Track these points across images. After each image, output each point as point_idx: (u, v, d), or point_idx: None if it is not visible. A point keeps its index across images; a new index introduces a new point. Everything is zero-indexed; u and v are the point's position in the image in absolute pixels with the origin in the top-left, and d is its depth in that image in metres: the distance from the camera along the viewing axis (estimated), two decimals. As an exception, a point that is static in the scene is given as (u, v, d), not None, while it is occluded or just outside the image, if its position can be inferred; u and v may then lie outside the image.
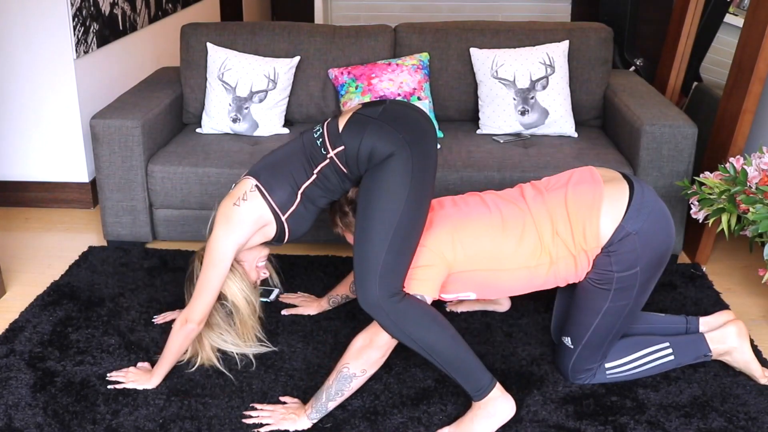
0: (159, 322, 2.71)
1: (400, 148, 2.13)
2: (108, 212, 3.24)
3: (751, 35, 3.04)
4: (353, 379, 2.14)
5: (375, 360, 2.15)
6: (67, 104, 3.65)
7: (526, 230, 2.20)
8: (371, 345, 2.14)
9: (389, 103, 2.26)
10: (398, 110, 2.24)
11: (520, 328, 2.70)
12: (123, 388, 2.34)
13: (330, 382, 2.16)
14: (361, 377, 2.16)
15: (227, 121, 3.39)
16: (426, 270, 2.17)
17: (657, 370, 2.38)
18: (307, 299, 2.83)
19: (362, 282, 2.12)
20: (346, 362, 2.15)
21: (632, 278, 2.18)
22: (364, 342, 2.15)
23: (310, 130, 2.32)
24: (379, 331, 2.14)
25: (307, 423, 2.19)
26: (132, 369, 2.41)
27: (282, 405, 2.27)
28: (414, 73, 3.41)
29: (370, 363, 2.15)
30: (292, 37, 3.53)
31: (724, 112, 3.16)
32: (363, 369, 2.15)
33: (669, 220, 2.20)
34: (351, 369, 2.14)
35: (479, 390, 2.15)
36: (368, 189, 2.16)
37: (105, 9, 3.83)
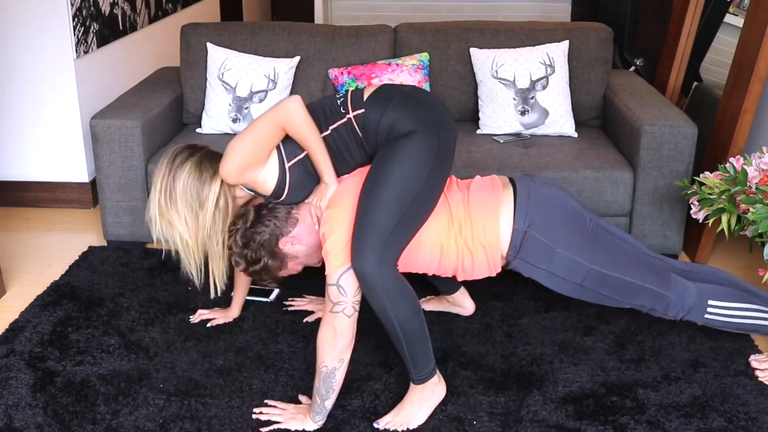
0: (196, 321, 2.73)
1: (427, 127, 2.16)
2: (108, 212, 3.24)
3: (751, 35, 3.04)
4: (335, 372, 2.15)
5: (346, 345, 2.15)
6: (67, 104, 3.65)
7: (439, 212, 2.29)
8: (336, 334, 2.12)
9: (414, 87, 2.31)
10: (425, 95, 2.29)
11: (520, 328, 2.70)
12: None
13: (317, 385, 2.17)
14: (342, 366, 2.15)
15: (227, 121, 3.39)
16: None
17: (751, 328, 2.41)
18: (319, 302, 2.81)
19: (365, 246, 2.10)
20: (322, 361, 2.14)
21: (564, 259, 2.27)
22: (328, 335, 2.13)
23: (332, 95, 2.32)
24: (336, 318, 2.12)
25: (313, 425, 2.20)
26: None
27: (294, 405, 2.28)
28: (414, 73, 3.41)
29: (343, 350, 2.14)
30: (292, 37, 3.53)
31: (724, 112, 3.15)
32: (339, 359, 2.14)
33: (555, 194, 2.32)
34: (329, 365, 2.14)
35: (424, 373, 2.21)
36: (390, 156, 2.15)
37: (105, 9, 3.82)
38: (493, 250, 2.29)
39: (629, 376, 2.44)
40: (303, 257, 2.37)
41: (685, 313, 2.38)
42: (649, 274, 2.34)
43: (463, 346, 2.59)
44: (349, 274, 2.13)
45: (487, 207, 2.29)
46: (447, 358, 2.52)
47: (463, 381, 2.41)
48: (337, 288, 2.12)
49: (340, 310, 2.12)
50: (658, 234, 3.13)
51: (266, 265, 2.32)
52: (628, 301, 2.37)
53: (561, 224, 2.29)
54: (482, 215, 2.29)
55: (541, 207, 2.28)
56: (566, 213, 2.32)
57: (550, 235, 2.26)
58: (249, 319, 2.74)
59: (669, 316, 2.40)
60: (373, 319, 2.72)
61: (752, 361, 2.49)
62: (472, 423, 2.22)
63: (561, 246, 2.27)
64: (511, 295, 2.89)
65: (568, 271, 2.29)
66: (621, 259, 2.33)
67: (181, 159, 2.26)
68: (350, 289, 2.13)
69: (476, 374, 2.44)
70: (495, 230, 2.27)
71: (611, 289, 2.33)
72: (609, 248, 2.33)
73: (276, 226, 2.29)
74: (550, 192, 2.33)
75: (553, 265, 2.28)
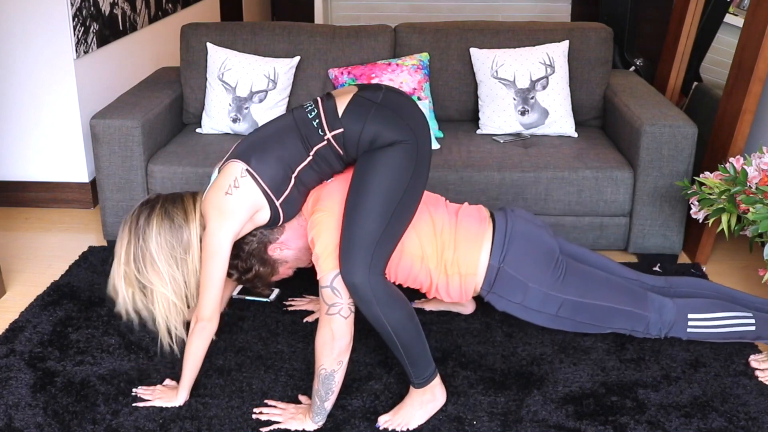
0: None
1: (406, 136, 2.15)
2: (108, 212, 3.24)
3: (751, 35, 3.04)
4: (334, 374, 2.14)
5: (345, 347, 2.14)
6: (67, 104, 3.65)
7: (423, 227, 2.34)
8: (333, 337, 2.11)
9: (386, 90, 2.25)
10: (398, 99, 2.25)
11: (520, 328, 2.70)
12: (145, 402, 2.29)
13: (316, 387, 2.16)
14: (340, 369, 2.15)
15: (227, 121, 3.39)
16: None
17: (736, 336, 2.42)
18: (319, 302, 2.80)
19: (353, 257, 2.09)
20: (321, 364, 2.14)
21: (537, 293, 2.35)
22: (326, 337, 2.12)
23: (300, 107, 2.26)
24: (333, 321, 2.11)
25: (312, 426, 2.19)
26: (159, 387, 2.35)
27: (294, 405, 2.28)
28: (414, 73, 3.41)
29: (342, 352, 2.14)
30: (292, 37, 3.53)
31: (724, 112, 3.16)
32: (338, 362, 2.13)
33: (530, 231, 2.39)
34: (327, 368, 2.13)
35: (424, 377, 2.21)
36: (372, 167, 2.14)
37: (105, 9, 3.82)
38: (468, 280, 2.37)
39: (629, 376, 2.44)
40: (293, 261, 2.40)
41: (668, 329, 2.43)
42: (624, 296, 2.39)
43: (463, 346, 2.59)
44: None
45: (473, 237, 2.36)
46: (447, 358, 2.52)
47: (463, 381, 2.41)
48: (331, 290, 2.12)
49: (336, 311, 2.12)
50: (658, 234, 3.13)
51: (258, 273, 2.34)
52: (607, 325, 2.43)
53: (534, 260, 2.36)
54: (467, 244, 2.35)
55: (515, 244, 2.35)
56: (540, 249, 2.39)
57: (523, 271, 2.34)
58: (249, 319, 2.74)
59: (652, 335, 2.45)
60: (373, 319, 2.72)
61: (752, 361, 2.49)
62: (472, 423, 2.22)
63: (533, 281, 2.35)
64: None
65: (542, 303, 2.37)
66: (594, 287, 2.39)
67: (143, 219, 2.17)
68: (345, 290, 2.13)
69: (476, 374, 2.44)
70: (475, 261, 2.35)
71: (587, 315, 2.39)
72: (581, 277, 2.40)
73: (263, 235, 2.31)
74: (525, 229, 2.40)
75: (527, 299, 2.36)
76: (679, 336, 2.45)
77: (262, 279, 2.36)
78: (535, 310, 2.39)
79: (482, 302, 2.82)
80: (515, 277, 2.34)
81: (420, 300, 2.80)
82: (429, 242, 2.34)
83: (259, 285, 2.39)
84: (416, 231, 2.33)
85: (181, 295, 2.18)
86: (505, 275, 2.34)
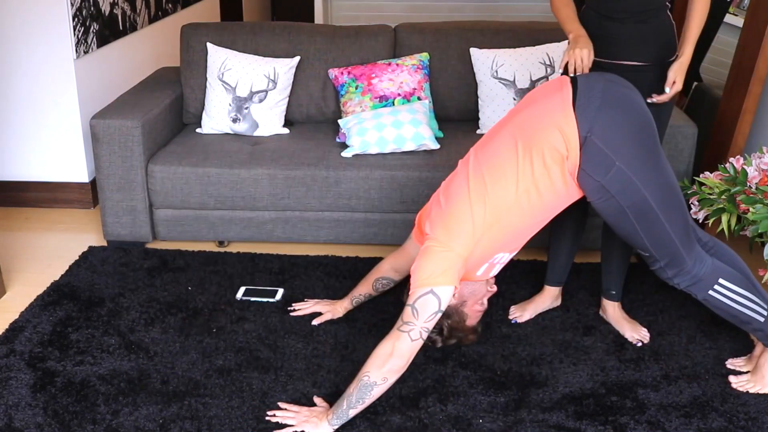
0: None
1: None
2: (108, 212, 3.24)
3: (751, 35, 3.04)
4: (374, 387, 2.12)
5: (397, 368, 2.13)
6: (67, 104, 3.65)
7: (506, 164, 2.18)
8: (393, 353, 2.11)
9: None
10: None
11: (520, 328, 2.70)
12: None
13: (351, 390, 2.14)
14: (382, 385, 2.13)
15: (227, 121, 3.39)
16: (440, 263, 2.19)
17: (744, 318, 2.35)
18: (326, 304, 2.79)
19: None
20: (368, 371, 2.12)
21: (620, 174, 2.09)
22: (385, 350, 2.12)
23: None
24: (399, 338, 2.11)
25: (328, 429, 2.17)
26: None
27: (308, 408, 2.26)
28: (414, 73, 3.41)
29: (392, 371, 2.13)
30: (292, 37, 3.53)
31: (724, 112, 3.16)
32: (384, 377, 2.12)
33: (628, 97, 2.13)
34: (372, 378, 2.11)
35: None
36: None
37: (105, 9, 3.82)
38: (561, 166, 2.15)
39: (629, 376, 2.44)
40: (469, 295, 2.40)
41: (691, 283, 2.28)
42: (683, 232, 2.23)
43: (464, 346, 2.59)
44: (428, 298, 2.13)
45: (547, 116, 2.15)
46: (447, 358, 2.52)
47: (463, 381, 2.41)
48: (411, 309, 2.13)
49: (407, 330, 2.12)
50: (658, 234, 3.13)
51: (453, 325, 2.40)
52: (653, 247, 2.24)
53: (625, 134, 2.10)
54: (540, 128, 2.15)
55: (606, 111, 2.08)
56: (634, 120, 2.11)
57: (612, 145, 2.07)
58: (249, 319, 2.74)
59: (675, 282, 2.29)
60: (373, 320, 2.72)
61: (729, 364, 2.48)
62: (472, 423, 2.22)
63: (621, 159, 2.08)
64: (511, 294, 2.89)
65: (621, 189, 2.11)
66: (670, 202, 2.19)
67: None
68: (424, 313, 2.13)
69: (476, 374, 2.44)
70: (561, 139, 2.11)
71: (647, 227, 2.18)
72: (665, 183, 2.17)
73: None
74: (620, 93, 2.12)
75: (608, 179, 2.09)
76: (696, 294, 2.30)
77: (459, 330, 2.43)
78: (611, 194, 2.12)
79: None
80: (602, 151, 2.07)
81: (514, 309, 2.79)
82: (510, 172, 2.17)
83: (462, 335, 2.45)
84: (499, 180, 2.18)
85: None
86: (592, 147, 2.07)
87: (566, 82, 2.15)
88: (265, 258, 3.16)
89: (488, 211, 2.17)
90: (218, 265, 3.11)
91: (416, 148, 3.22)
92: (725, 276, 2.30)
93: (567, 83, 2.15)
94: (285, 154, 3.19)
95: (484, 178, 2.19)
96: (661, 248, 2.23)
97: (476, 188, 2.19)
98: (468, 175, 2.23)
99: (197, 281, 2.98)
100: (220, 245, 3.32)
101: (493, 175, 2.17)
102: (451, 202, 2.24)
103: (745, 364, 2.47)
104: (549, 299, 2.79)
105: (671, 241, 2.21)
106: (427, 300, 2.13)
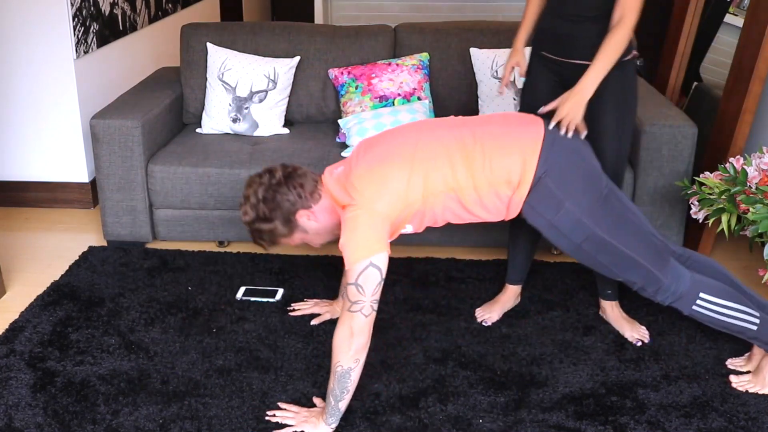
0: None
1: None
2: (108, 212, 3.24)
3: (751, 35, 3.04)
4: (351, 372, 2.13)
5: (363, 345, 2.13)
6: (67, 104, 3.65)
7: (454, 156, 2.23)
8: (353, 334, 2.10)
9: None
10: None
11: (520, 328, 2.70)
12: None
13: (332, 385, 2.15)
14: (357, 367, 2.14)
15: (227, 121, 3.39)
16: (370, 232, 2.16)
17: (735, 329, 2.35)
18: (326, 304, 2.79)
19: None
20: (338, 361, 2.13)
21: (569, 215, 2.22)
22: (344, 334, 2.11)
23: None
24: (354, 318, 2.10)
25: (327, 429, 2.18)
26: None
27: (307, 408, 2.27)
28: (414, 73, 3.41)
29: (359, 350, 2.12)
30: (292, 37, 3.53)
31: (724, 112, 3.15)
32: (355, 359, 2.12)
33: (579, 148, 2.28)
34: (344, 365, 2.12)
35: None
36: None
37: (105, 9, 3.83)
38: (500, 189, 2.25)
39: (629, 376, 2.44)
40: (311, 234, 2.34)
41: (674, 299, 2.32)
42: (649, 253, 2.29)
43: (463, 346, 2.59)
44: (368, 272, 2.10)
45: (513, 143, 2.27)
46: (447, 358, 2.52)
47: (463, 381, 2.41)
48: (355, 287, 2.10)
49: (358, 309, 2.11)
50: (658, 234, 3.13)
51: (274, 229, 2.28)
52: (623, 274, 2.31)
53: (576, 180, 2.24)
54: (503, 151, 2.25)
55: (560, 157, 2.23)
56: (584, 170, 2.27)
57: (562, 187, 2.21)
58: (249, 319, 2.74)
59: (657, 299, 2.34)
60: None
61: (729, 364, 2.48)
62: (472, 423, 2.22)
63: (570, 201, 2.21)
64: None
65: (571, 228, 2.24)
66: (625, 231, 2.28)
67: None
68: (369, 288, 2.10)
69: (476, 374, 2.44)
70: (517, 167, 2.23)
71: (609, 258, 2.28)
72: (617, 216, 2.28)
73: (301, 197, 2.25)
74: (573, 145, 2.28)
75: (557, 218, 2.23)
76: (681, 309, 2.33)
77: (274, 236, 2.31)
78: (562, 233, 2.25)
79: (482, 302, 2.83)
80: (553, 192, 2.21)
81: (481, 311, 2.77)
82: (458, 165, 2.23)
83: (265, 240, 2.33)
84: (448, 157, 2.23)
85: None
86: (544, 187, 2.21)
87: (542, 123, 2.29)
88: (265, 258, 3.16)
89: (424, 186, 2.21)
90: (218, 265, 3.11)
91: (416, 148, 3.22)
92: (705, 290, 2.33)
93: (542, 124, 2.28)
94: (285, 154, 3.19)
95: (432, 158, 2.22)
96: (630, 273, 2.31)
97: (421, 161, 2.21)
98: (416, 144, 2.24)
99: (197, 281, 2.99)
100: (220, 245, 3.32)
101: (443, 158, 2.22)
102: (388, 162, 2.22)
103: (745, 363, 2.47)
104: (512, 298, 2.80)
105: (639, 265, 2.29)
106: (369, 274, 2.10)
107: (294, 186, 2.26)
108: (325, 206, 2.29)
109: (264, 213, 2.25)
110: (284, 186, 2.25)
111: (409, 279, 3.01)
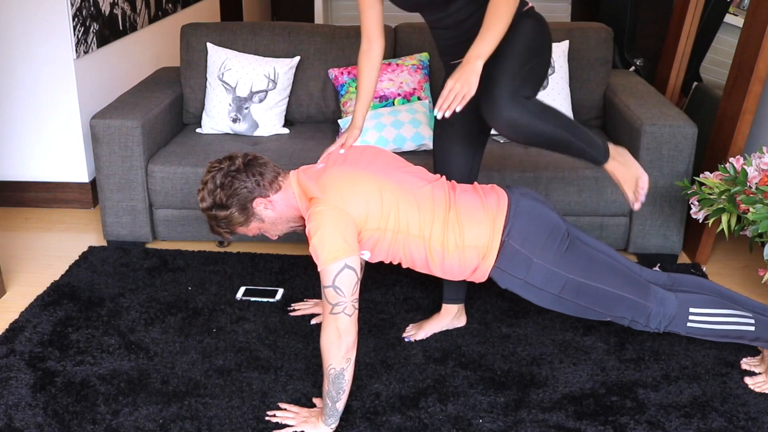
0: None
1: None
2: (108, 212, 3.24)
3: (751, 35, 3.04)
4: (344, 372, 2.12)
5: (352, 344, 2.12)
6: (67, 104, 3.65)
7: (436, 210, 2.27)
8: (339, 334, 2.10)
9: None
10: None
11: (520, 328, 2.70)
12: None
13: (327, 388, 2.15)
14: (350, 366, 2.13)
15: (227, 121, 3.39)
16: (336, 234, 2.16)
17: (735, 335, 2.34)
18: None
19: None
20: (329, 363, 2.12)
21: (541, 270, 2.25)
22: (332, 337, 2.10)
23: None
24: (338, 319, 2.09)
25: (326, 429, 2.18)
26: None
27: (307, 408, 2.27)
28: (414, 73, 3.41)
29: (349, 349, 2.12)
30: (292, 37, 3.53)
31: (724, 112, 3.16)
32: (347, 359, 2.12)
33: (534, 207, 2.31)
34: (336, 366, 2.11)
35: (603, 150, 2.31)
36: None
37: (105, 9, 3.83)
38: (467, 253, 2.28)
39: (629, 376, 2.44)
40: (268, 224, 2.31)
41: (668, 323, 2.33)
42: (628, 284, 2.32)
43: (463, 346, 2.59)
44: (344, 273, 2.10)
45: (480, 212, 2.31)
46: (447, 358, 2.52)
47: (463, 381, 2.41)
48: (333, 289, 2.10)
49: (341, 310, 2.10)
50: (658, 234, 3.13)
51: (230, 216, 2.25)
52: (609, 312, 2.33)
53: (538, 235, 2.27)
54: (473, 218, 2.30)
55: (520, 218, 2.27)
56: (544, 224, 2.30)
57: (527, 245, 2.25)
58: (249, 319, 2.74)
59: (651, 328, 2.35)
60: (373, 320, 2.72)
61: (743, 364, 2.48)
62: (472, 423, 2.22)
63: (538, 256, 2.25)
64: (511, 294, 2.89)
65: (545, 281, 2.26)
66: (599, 268, 2.31)
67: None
68: (347, 288, 2.10)
69: (476, 374, 2.44)
70: (480, 235, 2.28)
71: (590, 299, 2.29)
72: (587, 258, 2.31)
73: (259, 185, 2.24)
74: (529, 204, 2.33)
75: (530, 275, 2.26)
76: (678, 331, 2.36)
77: (230, 224, 2.28)
78: (538, 287, 2.28)
79: (482, 302, 2.83)
80: (519, 251, 2.24)
81: (411, 327, 2.72)
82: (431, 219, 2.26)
83: (221, 228, 2.30)
84: (417, 205, 2.26)
85: None
86: (509, 249, 2.25)
87: (506, 194, 2.33)
88: (265, 258, 3.16)
89: (398, 222, 2.23)
90: (218, 265, 3.11)
91: (416, 148, 3.22)
92: (693, 304, 2.33)
93: (506, 194, 2.33)
94: (285, 154, 3.19)
95: (417, 201, 2.26)
96: (616, 309, 2.31)
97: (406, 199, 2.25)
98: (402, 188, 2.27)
99: (197, 281, 2.99)
100: (220, 245, 3.32)
101: (427, 206, 2.26)
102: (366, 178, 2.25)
103: (760, 363, 2.47)
104: (447, 318, 2.71)
105: (622, 298, 2.30)
106: (345, 275, 2.09)
107: (253, 174, 2.23)
108: (284, 198, 2.27)
109: (221, 199, 2.22)
110: (243, 173, 2.23)
111: (409, 279, 3.01)
